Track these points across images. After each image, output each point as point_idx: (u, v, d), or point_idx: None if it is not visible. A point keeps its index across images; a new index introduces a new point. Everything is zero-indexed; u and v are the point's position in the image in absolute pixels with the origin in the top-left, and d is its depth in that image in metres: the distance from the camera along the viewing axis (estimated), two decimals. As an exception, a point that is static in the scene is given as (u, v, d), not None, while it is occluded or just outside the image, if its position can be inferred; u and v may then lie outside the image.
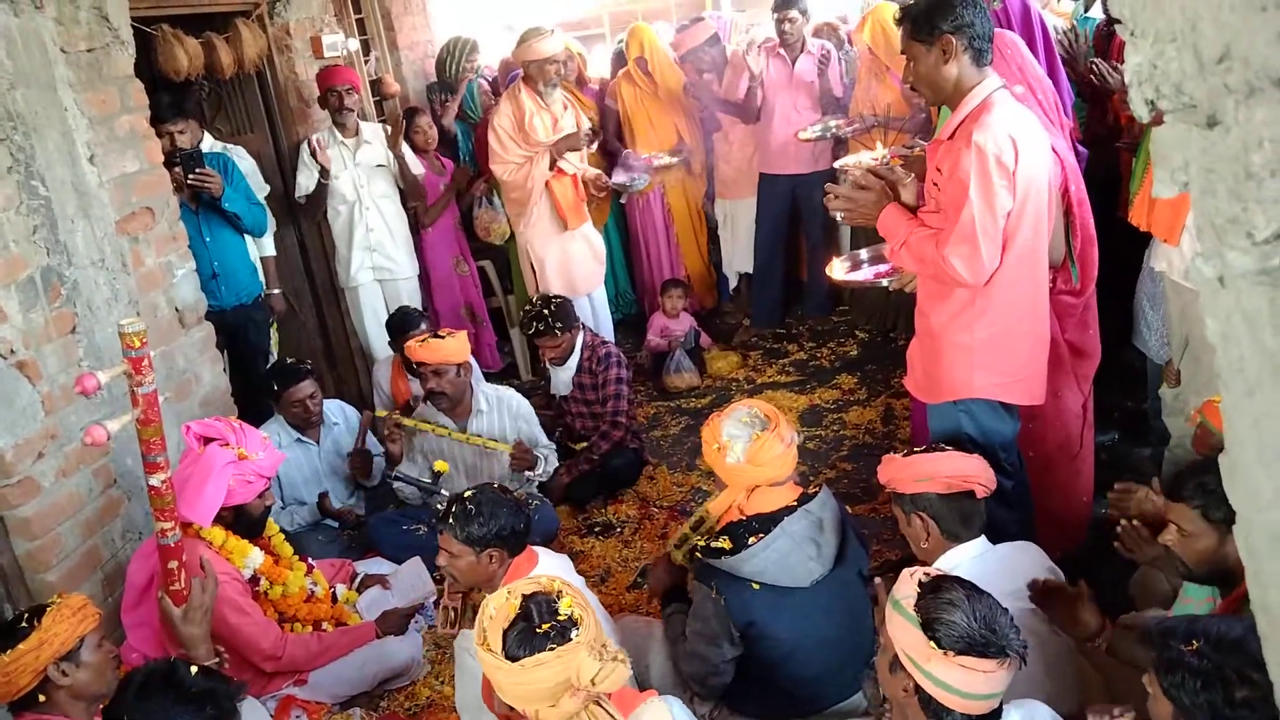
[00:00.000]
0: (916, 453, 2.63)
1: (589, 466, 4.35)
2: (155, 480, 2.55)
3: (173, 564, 2.68)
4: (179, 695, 2.12)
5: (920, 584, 1.92)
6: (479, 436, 4.06)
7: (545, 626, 1.88)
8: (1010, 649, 1.81)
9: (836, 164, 4.61)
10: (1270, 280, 0.75)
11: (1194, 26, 0.77)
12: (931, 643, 1.81)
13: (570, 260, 5.11)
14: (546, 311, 4.32)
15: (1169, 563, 2.31)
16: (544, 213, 5.01)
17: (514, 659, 1.85)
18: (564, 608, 1.93)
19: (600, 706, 1.90)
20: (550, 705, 1.85)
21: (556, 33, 4.87)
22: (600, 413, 4.45)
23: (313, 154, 4.83)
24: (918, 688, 1.86)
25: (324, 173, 4.86)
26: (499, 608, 1.96)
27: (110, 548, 3.13)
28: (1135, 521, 2.47)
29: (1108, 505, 2.71)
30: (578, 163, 5.05)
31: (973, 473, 2.52)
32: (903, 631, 1.88)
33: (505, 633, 1.90)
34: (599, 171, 5.20)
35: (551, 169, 4.89)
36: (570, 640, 1.85)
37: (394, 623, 3.36)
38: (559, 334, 4.32)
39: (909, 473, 2.56)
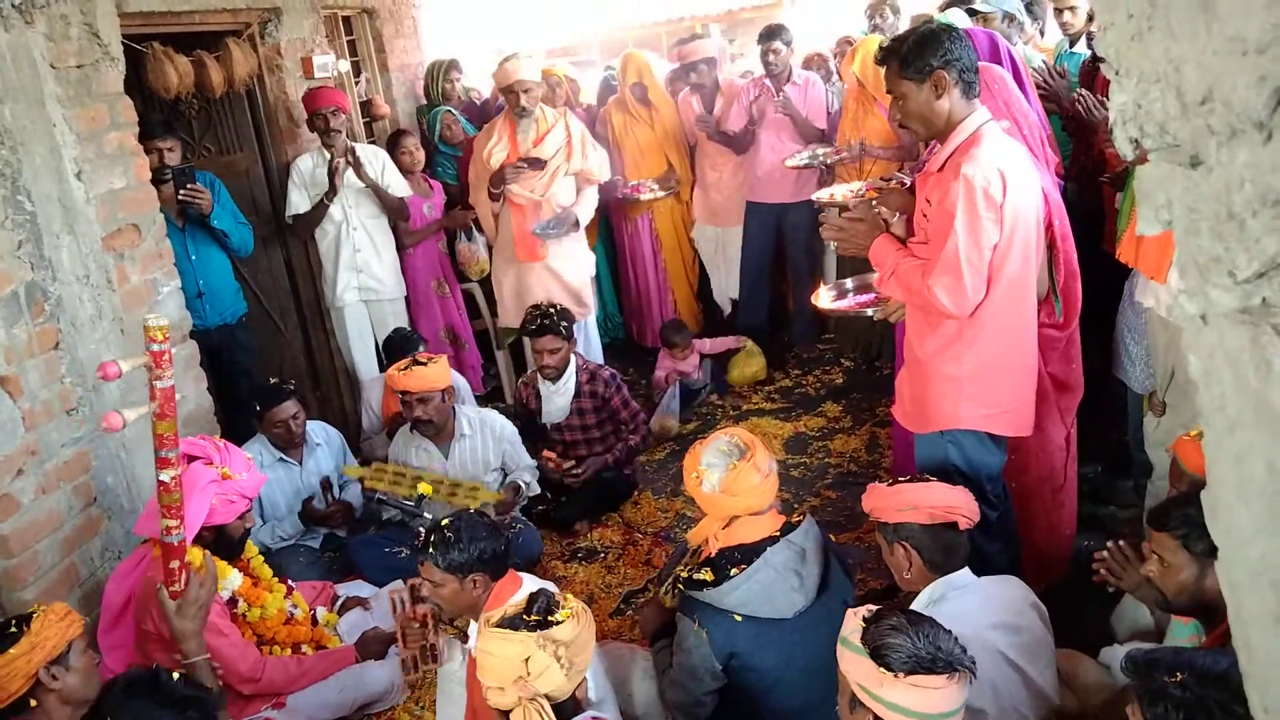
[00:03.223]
0: (901, 482, 2.63)
1: (614, 459, 4.44)
2: (165, 476, 2.48)
3: (174, 564, 2.64)
4: (162, 699, 2.15)
5: (864, 619, 1.99)
6: (461, 489, 3.91)
7: (531, 619, 2.11)
8: (958, 664, 1.86)
9: (814, 196, 4.63)
10: (1252, 319, 0.76)
11: (1177, 69, 0.78)
12: (881, 668, 1.86)
13: (527, 290, 5.05)
14: (553, 310, 4.35)
15: (1148, 592, 2.31)
16: (505, 239, 5.05)
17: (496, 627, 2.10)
18: (560, 615, 2.13)
19: (537, 706, 2.03)
20: (499, 689, 2.06)
21: (519, 57, 4.76)
22: (597, 436, 4.50)
23: (331, 174, 4.78)
24: None
25: (329, 193, 4.83)
26: (517, 601, 2.23)
27: (89, 566, 3.10)
28: (1121, 543, 2.46)
29: (1090, 539, 2.69)
30: (534, 194, 4.88)
31: (956, 504, 2.53)
32: (853, 664, 1.93)
33: (506, 612, 2.17)
34: (563, 210, 5.07)
35: (498, 199, 4.89)
36: (541, 633, 2.07)
37: (374, 647, 3.32)
38: (562, 335, 4.29)
39: (893, 502, 2.56)
